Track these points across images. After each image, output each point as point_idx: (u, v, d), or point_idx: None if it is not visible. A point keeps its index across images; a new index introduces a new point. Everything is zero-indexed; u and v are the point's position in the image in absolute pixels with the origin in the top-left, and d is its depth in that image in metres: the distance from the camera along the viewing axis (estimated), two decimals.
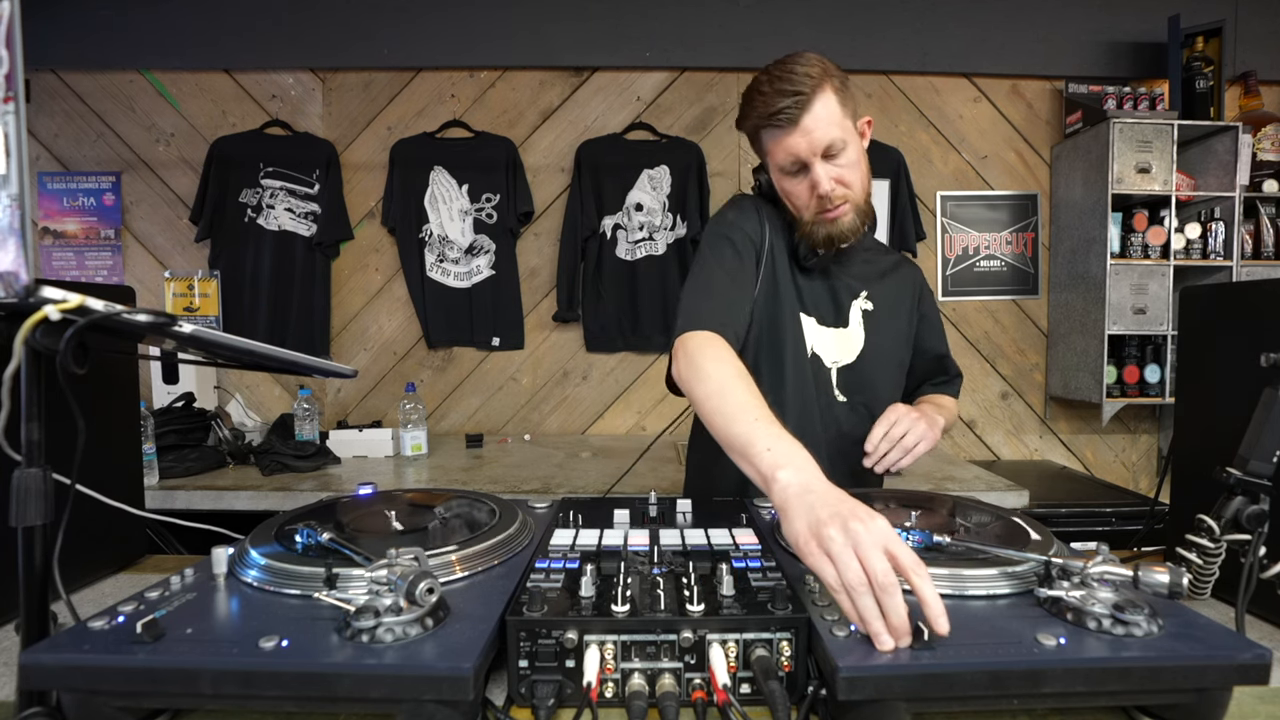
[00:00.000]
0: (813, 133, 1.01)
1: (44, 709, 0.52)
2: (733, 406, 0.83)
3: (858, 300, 1.17)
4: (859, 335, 1.17)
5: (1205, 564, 0.75)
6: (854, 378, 1.17)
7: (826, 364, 1.17)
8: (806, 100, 1.00)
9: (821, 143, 1.02)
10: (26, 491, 0.55)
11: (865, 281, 1.18)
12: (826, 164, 1.03)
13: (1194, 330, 0.92)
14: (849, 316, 1.17)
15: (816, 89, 1.00)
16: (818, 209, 1.06)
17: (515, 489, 1.87)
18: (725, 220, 1.14)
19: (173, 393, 2.33)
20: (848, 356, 1.17)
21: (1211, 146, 2.59)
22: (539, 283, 2.85)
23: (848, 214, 1.07)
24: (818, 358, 1.16)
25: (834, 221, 1.07)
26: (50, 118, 2.77)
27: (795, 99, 1.00)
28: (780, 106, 1.00)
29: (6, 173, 0.50)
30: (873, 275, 1.20)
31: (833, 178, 1.04)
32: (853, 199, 1.06)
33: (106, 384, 0.96)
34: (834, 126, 1.02)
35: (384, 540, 0.75)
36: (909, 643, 0.53)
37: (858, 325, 1.17)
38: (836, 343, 1.17)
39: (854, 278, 1.18)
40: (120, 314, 0.54)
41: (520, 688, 0.56)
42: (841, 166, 1.04)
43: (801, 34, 2.71)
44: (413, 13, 2.72)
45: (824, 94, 1.01)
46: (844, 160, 1.04)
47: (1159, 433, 2.89)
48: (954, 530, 0.79)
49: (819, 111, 1.01)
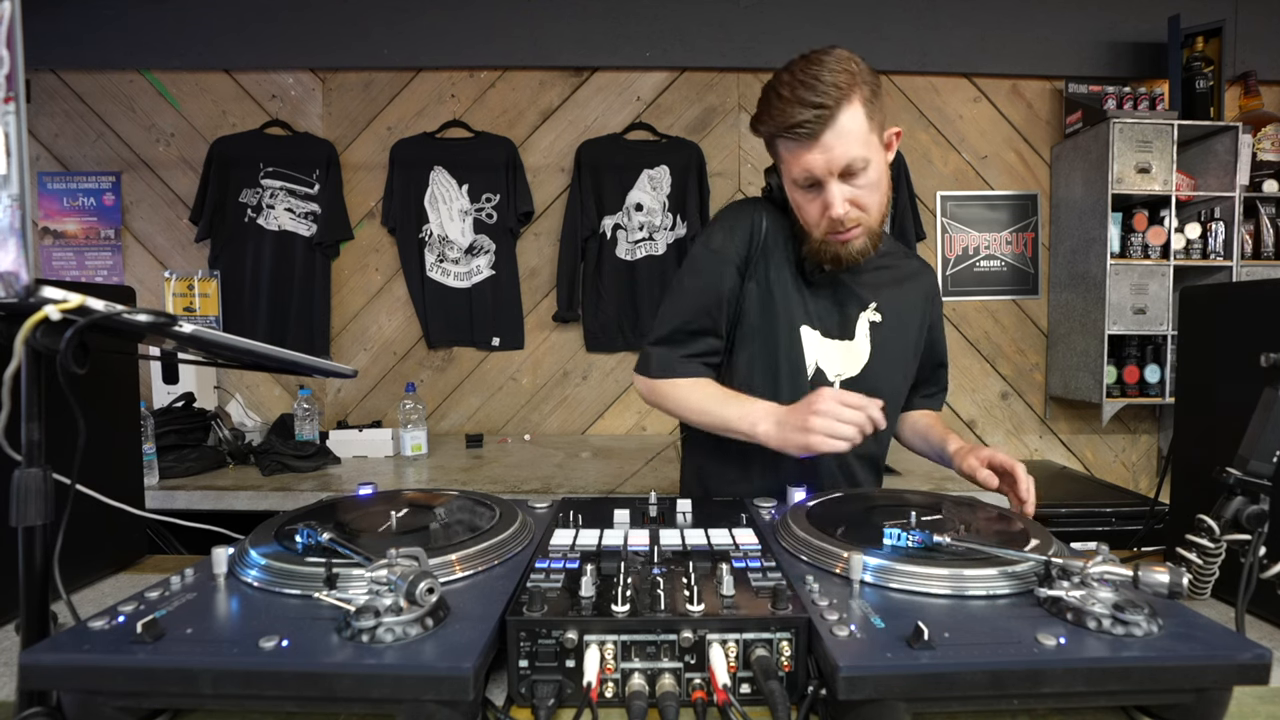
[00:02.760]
0: (832, 150, 0.93)
1: (44, 709, 0.52)
2: (697, 402, 1.08)
3: (866, 312, 1.11)
4: (865, 348, 1.12)
5: (1205, 564, 0.75)
6: (857, 389, 1.09)
7: (830, 378, 1.11)
8: (830, 116, 0.92)
9: (840, 161, 0.94)
10: (26, 491, 0.55)
11: (875, 291, 1.13)
12: (843, 184, 0.96)
13: (1194, 330, 0.92)
14: (855, 329, 1.11)
15: (842, 101, 0.92)
16: (828, 229, 1.00)
17: (515, 489, 1.87)
18: (710, 243, 1.11)
19: (173, 393, 2.33)
20: (852, 369, 1.12)
21: (1211, 146, 2.59)
22: (539, 283, 2.85)
23: (859, 237, 1.01)
24: (821, 372, 1.11)
25: (844, 244, 1.01)
26: (50, 118, 2.77)
27: (817, 112, 0.91)
28: (800, 119, 0.92)
29: (7, 173, 0.50)
30: (885, 284, 1.14)
31: (848, 199, 0.97)
32: (866, 222, 1.00)
33: (106, 384, 0.96)
34: (857, 144, 0.94)
35: (384, 540, 0.75)
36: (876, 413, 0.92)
37: (864, 338, 1.12)
38: (841, 356, 1.12)
39: (864, 287, 1.12)
40: (120, 314, 0.54)
41: (520, 688, 0.56)
42: (859, 188, 0.97)
43: (801, 34, 2.71)
44: (412, 13, 2.72)
45: (850, 107, 0.92)
46: (863, 181, 0.97)
47: (1159, 433, 2.89)
48: (954, 530, 0.79)
49: (843, 127, 0.93)
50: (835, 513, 0.86)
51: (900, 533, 0.71)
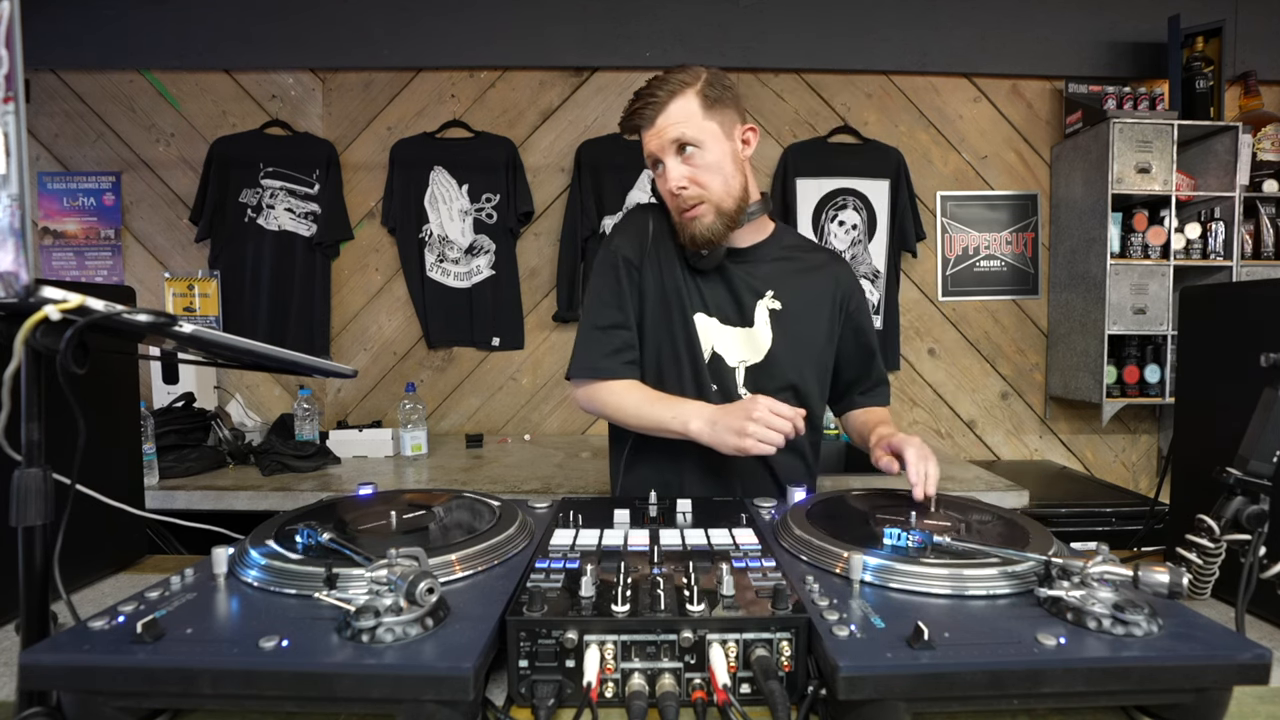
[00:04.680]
0: (664, 132, 1.08)
1: (44, 709, 0.52)
2: (632, 405, 1.14)
3: (763, 300, 1.19)
4: (765, 334, 1.19)
5: (1205, 564, 0.75)
6: (763, 376, 1.19)
7: (731, 363, 1.19)
8: (661, 104, 1.07)
9: (670, 137, 1.07)
10: (26, 491, 0.55)
11: (773, 281, 1.20)
12: (681, 164, 1.09)
13: (1194, 330, 0.92)
14: (753, 316, 1.19)
15: (675, 94, 1.07)
16: (677, 208, 1.12)
17: (515, 489, 1.87)
18: (606, 247, 1.21)
19: (173, 393, 2.33)
20: (754, 355, 1.19)
21: (1211, 146, 2.59)
22: (539, 283, 2.85)
23: (706, 215, 1.10)
24: (719, 357, 1.19)
25: (693, 221, 1.11)
26: (50, 118, 2.77)
27: (650, 100, 1.08)
28: (635, 108, 1.10)
29: (6, 173, 0.50)
30: (786, 274, 1.21)
31: (686, 177, 1.08)
32: (710, 199, 1.10)
33: (106, 384, 0.96)
34: (688, 127, 1.07)
35: (384, 540, 0.75)
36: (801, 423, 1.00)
37: (764, 324, 1.19)
38: (741, 341, 1.19)
39: (758, 278, 1.19)
40: (120, 314, 0.54)
41: (520, 688, 0.56)
42: (696, 166, 1.09)
43: (801, 34, 2.71)
44: (413, 13, 2.72)
45: (683, 98, 1.08)
46: (699, 161, 1.08)
47: (1159, 433, 2.89)
48: (954, 530, 0.79)
49: (673, 113, 1.07)
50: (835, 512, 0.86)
51: (900, 533, 0.71)
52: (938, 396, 2.85)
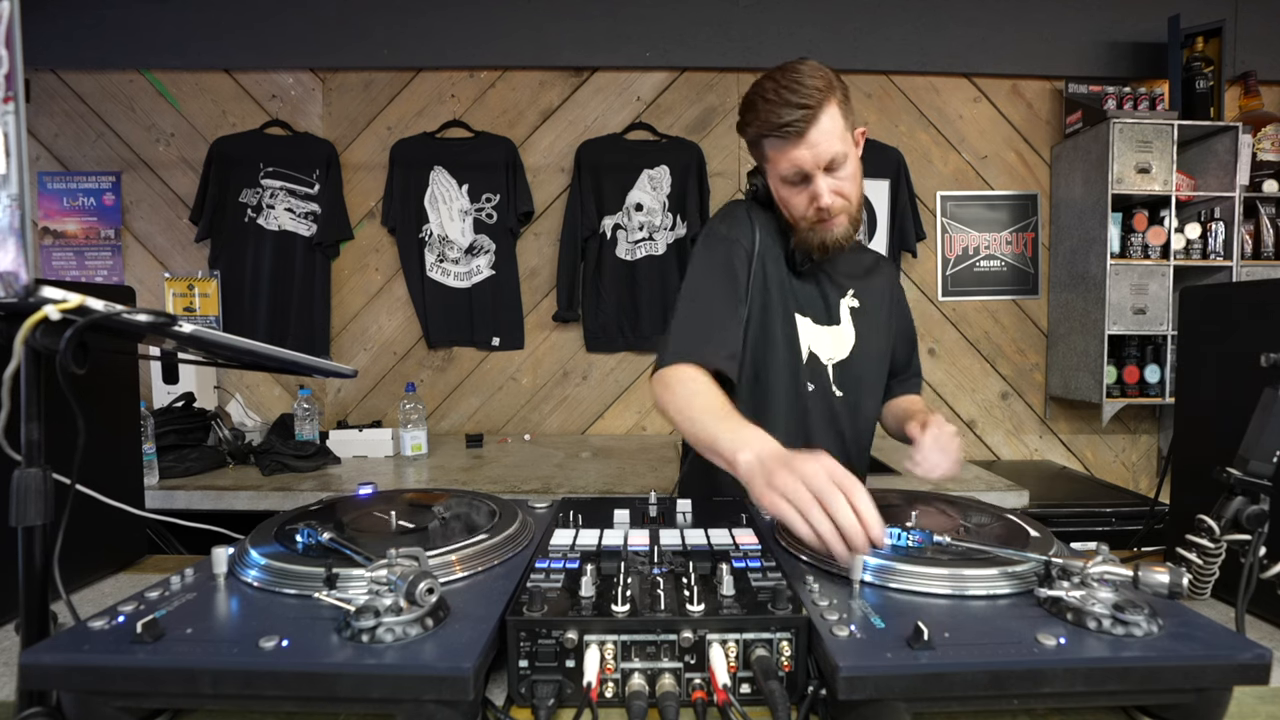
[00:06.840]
0: (818, 146, 1.04)
1: (44, 709, 0.52)
2: (698, 411, 0.95)
3: (845, 298, 1.22)
4: (850, 332, 1.22)
5: (1205, 564, 0.75)
6: (847, 373, 1.22)
7: (823, 360, 1.21)
8: (814, 114, 1.02)
9: (825, 156, 1.04)
10: (26, 491, 0.55)
11: (851, 280, 1.23)
12: (828, 176, 1.07)
13: (1194, 330, 0.92)
14: (839, 314, 1.22)
15: (823, 102, 1.03)
16: (815, 218, 1.10)
17: (515, 489, 1.87)
18: (718, 234, 1.17)
19: (173, 393, 2.33)
20: (841, 353, 1.22)
21: (1211, 146, 2.59)
22: (539, 283, 2.85)
23: (843, 223, 1.11)
24: (815, 356, 1.20)
25: (829, 230, 1.10)
26: (50, 118, 2.77)
27: (803, 112, 1.01)
28: (788, 119, 1.02)
29: (6, 173, 0.50)
30: (857, 273, 1.25)
31: (833, 190, 1.07)
32: (848, 210, 1.11)
33: (106, 384, 0.96)
34: (837, 141, 1.04)
35: (384, 540, 0.75)
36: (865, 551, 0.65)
37: (848, 322, 1.22)
38: (831, 340, 1.21)
39: (842, 276, 1.23)
40: (120, 314, 0.54)
41: (520, 688, 0.56)
42: (841, 179, 1.08)
43: (801, 34, 2.71)
44: (413, 12, 2.72)
45: (830, 108, 1.03)
46: (843, 173, 1.07)
47: (1159, 433, 2.89)
48: (954, 530, 0.79)
49: (825, 125, 1.03)
50: None
51: (900, 533, 0.71)
52: (938, 396, 2.85)
